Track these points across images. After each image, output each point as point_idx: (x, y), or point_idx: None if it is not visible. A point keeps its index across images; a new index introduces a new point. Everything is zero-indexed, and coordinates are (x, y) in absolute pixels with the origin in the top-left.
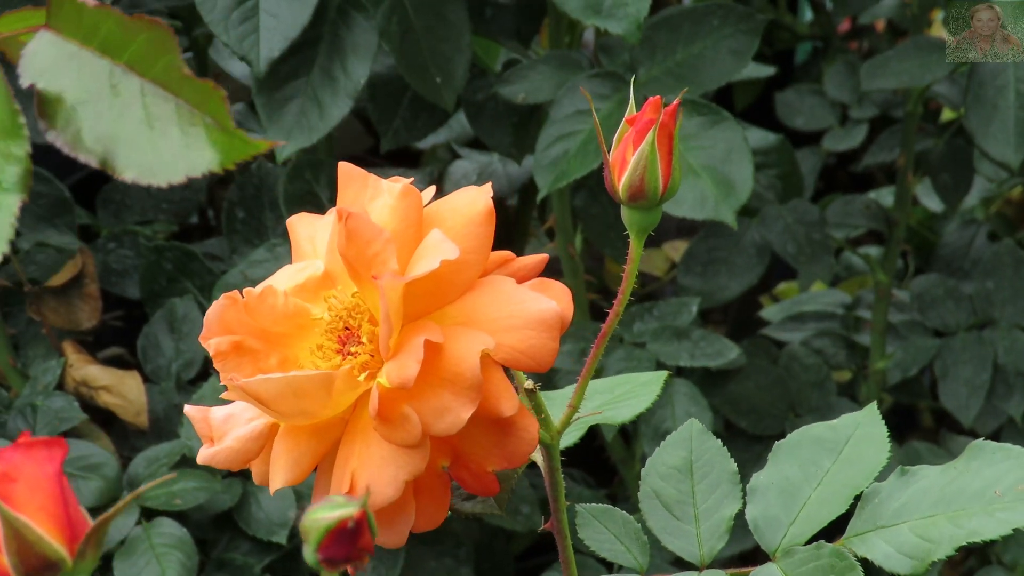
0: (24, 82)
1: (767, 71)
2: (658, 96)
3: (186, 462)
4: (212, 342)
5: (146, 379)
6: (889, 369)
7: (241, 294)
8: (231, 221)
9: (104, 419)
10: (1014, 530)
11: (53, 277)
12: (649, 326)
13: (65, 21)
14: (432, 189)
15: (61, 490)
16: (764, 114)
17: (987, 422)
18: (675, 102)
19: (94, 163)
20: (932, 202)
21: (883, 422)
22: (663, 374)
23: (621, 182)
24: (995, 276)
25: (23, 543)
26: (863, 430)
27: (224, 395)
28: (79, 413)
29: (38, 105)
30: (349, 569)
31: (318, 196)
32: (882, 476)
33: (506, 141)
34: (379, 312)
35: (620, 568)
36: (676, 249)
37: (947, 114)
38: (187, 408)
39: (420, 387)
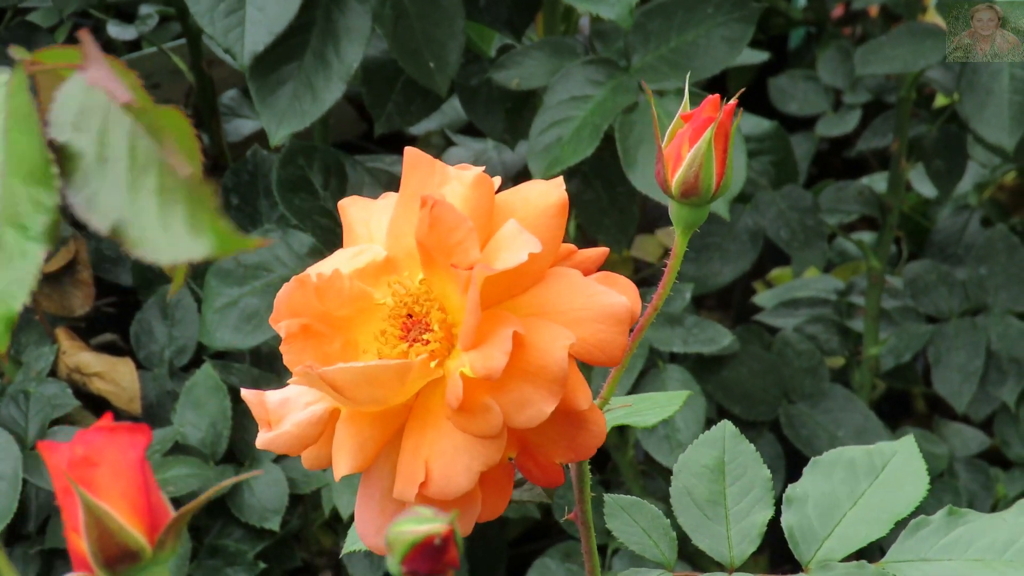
0: (52, 131)
1: (761, 57)
2: (716, 95)
3: (178, 448)
4: (283, 324)
5: (139, 365)
6: (882, 355)
7: (311, 277)
8: (225, 207)
9: (97, 406)
10: None
11: (46, 264)
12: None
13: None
14: (499, 179)
15: (144, 477)
16: (758, 99)
17: (980, 408)
18: (733, 101)
19: (104, 230)
20: (925, 188)
21: (920, 454)
22: (684, 394)
23: (675, 178)
24: (988, 262)
25: (103, 531)
26: (900, 458)
27: (292, 381)
28: (72, 400)
29: (59, 160)
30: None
31: (311, 182)
32: (921, 507)
33: (499, 127)
34: (451, 300)
35: (613, 556)
36: (669, 235)
37: (940, 100)
38: (244, 392)
39: (502, 379)
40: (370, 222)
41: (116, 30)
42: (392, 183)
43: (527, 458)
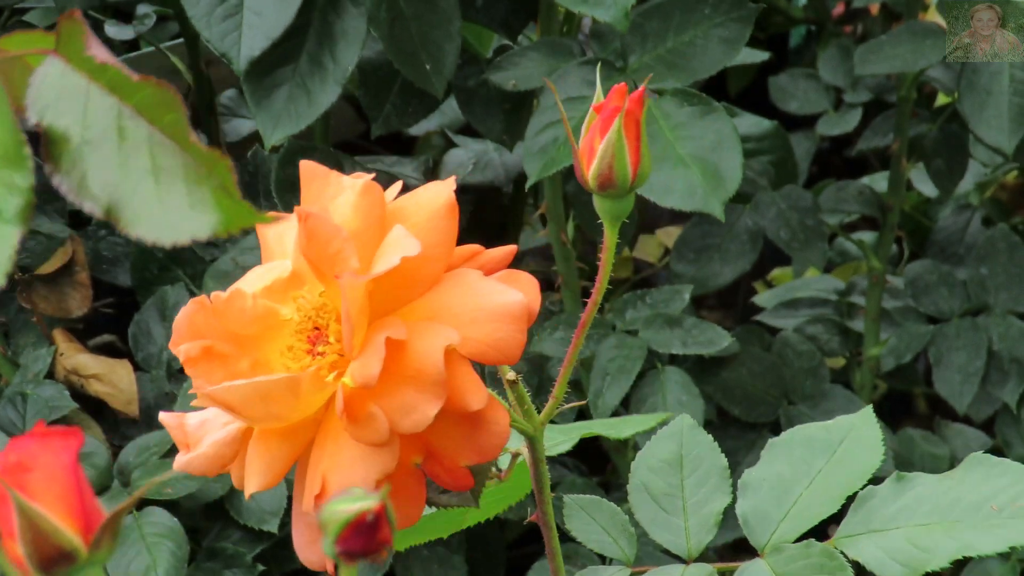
0: (31, 115)
1: (761, 56)
2: (623, 84)
3: (177, 451)
4: (182, 348)
5: (137, 367)
6: (883, 356)
7: (209, 298)
8: None
9: (94, 408)
10: (1010, 548)
11: (43, 265)
12: (641, 314)
13: (74, 51)
14: (398, 185)
15: (77, 480)
16: (758, 98)
17: (981, 408)
18: (640, 88)
19: (98, 213)
20: (926, 187)
21: (878, 425)
22: (662, 416)
23: (590, 171)
24: (989, 262)
25: (38, 533)
26: (857, 432)
27: (194, 403)
28: (69, 402)
29: (44, 144)
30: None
31: None
32: (876, 479)
33: (497, 128)
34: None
35: (612, 560)
36: (669, 235)
37: (941, 99)
38: (162, 415)
39: (385, 385)
40: (284, 237)
41: (114, 30)
42: (391, 184)
43: (433, 463)
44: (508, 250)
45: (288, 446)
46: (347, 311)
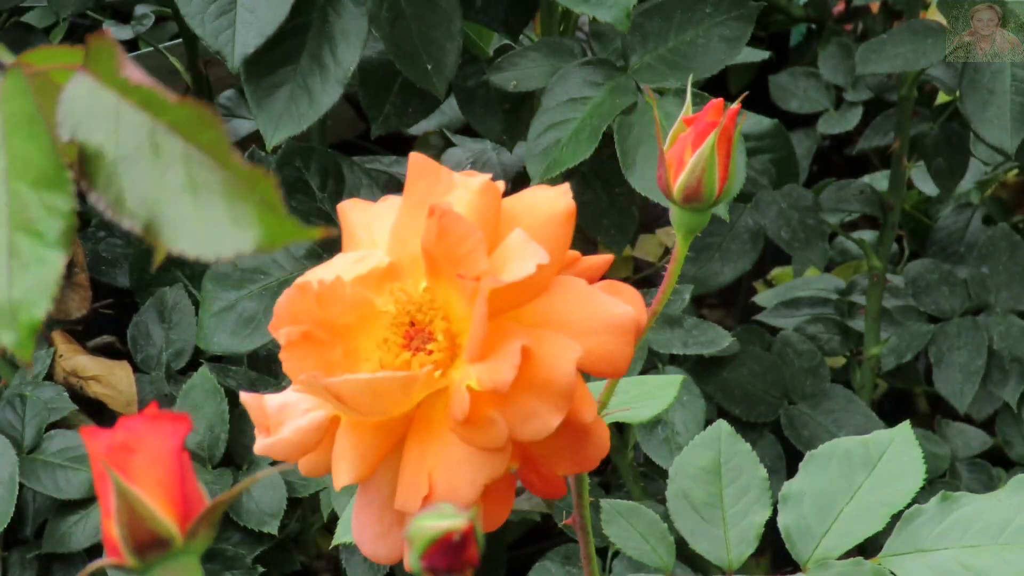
0: (63, 132)
1: (761, 55)
2: (720, 99)
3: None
4: (283, 331)
5: (136, 368)
6: (883, 355)
7: (311, 284)
8: None
9: (94, 409)
10: None
11: None
12: None
13: (103, 67)
14: (503, 183)
15: (180, 466)
16: (758, 97)
17: (982, 408)
18: (736, 105)
19: (138, 229)
20: (927, 186)
21: (916, 441)
22: (679, 378)
23: (677, 183)
24: (990, 261)
25: (134, 516)
26: (897, 448)
27: (294, 389)
28: (68, 403)
29: (80, 163)
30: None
31: (308, 184)
32: (916, 497)
33: (497, 128)
34: (455, 310)
35: (613, 559)
36: (670, 235)
37: (942, 97)
38: (243, 395)
39: (509, 391)
40: (372, 227)
41: (112, 30)
42: (390, 184)
43: (529, 470)
44: (606, 259)
45: (381, 439)
46: (481, 314)
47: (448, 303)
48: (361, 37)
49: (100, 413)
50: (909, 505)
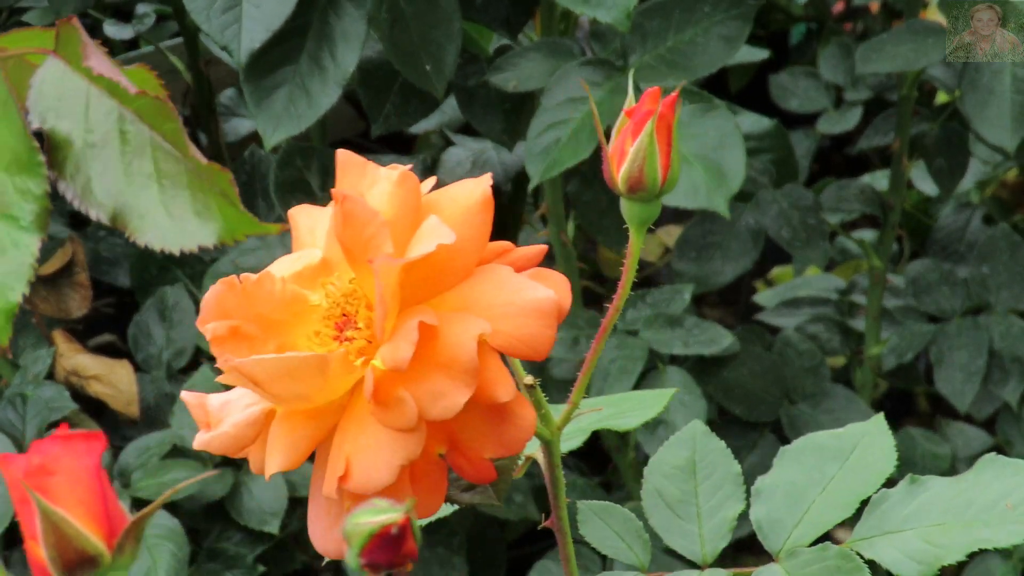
0: (33, 117)
1: (761, 54)
2: (657, 87)
3: (177, 452)
4: (209, 326)
5: (137, 368)
6: (884, 355)
7: (239, 280)
8: None
9: (95, 409)
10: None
11: (43, 266)
12: (642, 314)
13: (73, 52)
14: (432, 180)
15: (100, 484)
16: (758, 96)
17: (982, 407)
18: (674, 93)
19: (104, 219)
20: (927, 186)
21: (890, 432)
22: (670, 392)
23: (620, 174)
24: (991, 261)
25: (61, 537)
26: (870, 439)
27: (220, 378)
28: (69, 403)
29: (48, 151)
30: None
31: (309, 183)
32: (889, 485)
33: (497, 128)
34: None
35: (613, 563)
36: (670, 234)
37: (942, 97)
38: (184, 394)
39: (416, 371)
40: (315, 229)
41: (113, 29)
42: None
43: (457, 454)
44: (539, 249)
45: (312, 428)
46: (380, 293)
47: (371, 292)
48: (360, 39)
49: (101, 412)
50: (880, 491)
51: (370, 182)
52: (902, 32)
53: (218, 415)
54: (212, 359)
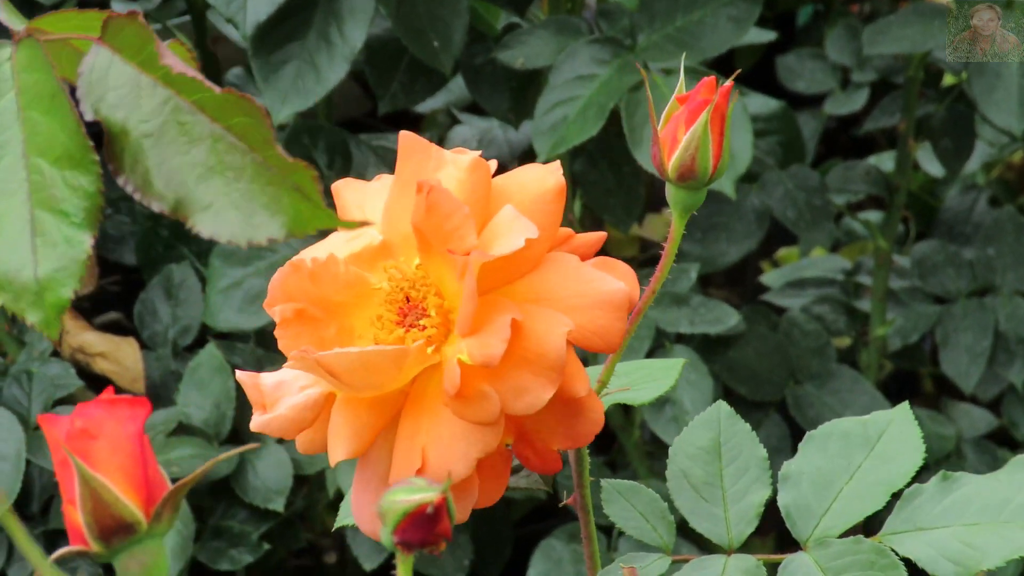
0: (85, 108)
1: (768, 35)
2: (712, 76)
3: (182, 429)
4: (277, 309)
5: (143, 345)
6: (889, 336)
7: (306, 262)
8: None
9: (100, 386)
10: None
11: None
12: None
13: (122, 41)
14: (495, 162)
15: (142, 450)
16: (765, 77)
17: (988, 389)
18: (729, 83)
19: (167, 210)
20: (933, 167)
21: (915, 421)
22: (680, 361)
23: (671, 161)
24: (996, 242)
25: (99, 503)
26: (896, 428)
27: (288, 365)
28: (75, 380)
29: (107, 143)
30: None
31: (316, 161)
32: (919, 477)
33: (504, 106)
34: (448, 286)
35: (619, 538)
36: None
37: (948, 79)
38: (239, 374)
39: (500, 366)
40: (364, 205)
41: (120, 6)
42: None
43: (524, 445)
44: (599, 236)
45: (375, 416)
46: (471, 288)
47: (441, 279)
48: (368, 14)
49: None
50: (909, 484)
51: (435, 166)
52: (909, 14)
53: (273, 396)
54: (217, 336)
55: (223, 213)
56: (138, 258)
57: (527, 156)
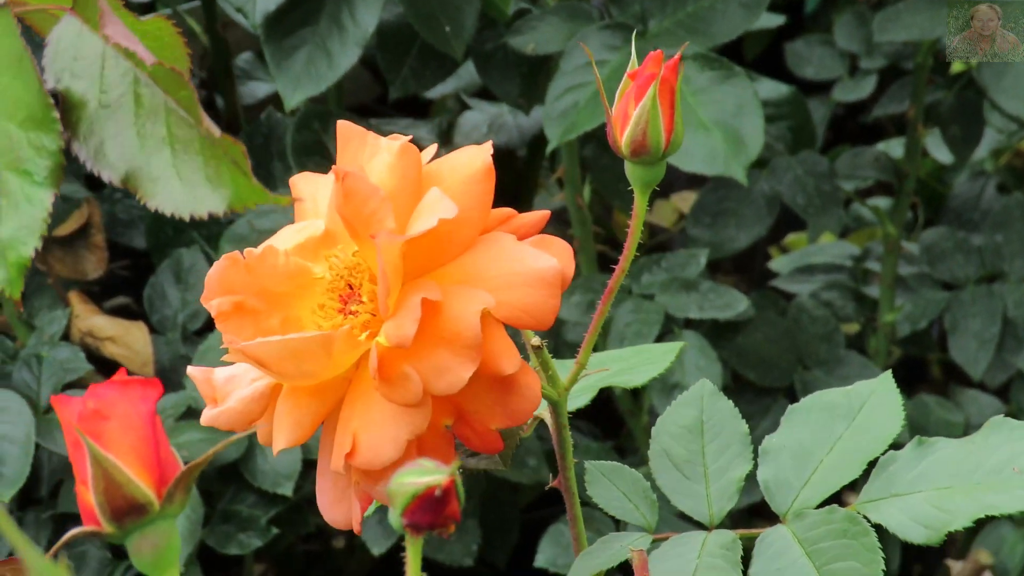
0: (48, 78)
1: (777, 21)
2: (659, 50)
3: (192, 413)
4: (214, 303)
5: (152, 330)
6: (898, 322)
7: (242, 254)
8: None
9: (110, 370)
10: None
11: (59, 227)
12: (658, 278)
13: (90, 11)
14: (433, 147)
15: (154, 431)
16: (773, 64)
17: (996, 375)
18: (676, 56)
19: (116, 181)
20: (942, 154)
21: (898, 390)
22: (679, 345)
23: (623, 137)
24: (1004, 229)
25: (111, 483)
26: (877, 397)
27: (225, 358)
28: (84, 364)
29: (62, 111)
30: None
31: (326, 147)
32: (896, 444)
33: (514, 91)
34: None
35: (626, 526)
36: (685, 200)
37: (957, 66)
38: (190, 369)
39: (420, 346)
40: (317, 197)
41: None
42: None
43: (463, 425)
44: (541, 215)
45: (318, 403)
46: (383, 270)
47: (375, 265)
48: None
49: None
50: (886, 452)
51: (371, 152)
52: (919, 1)
53: (224, 390)
54: None
55: (170, 186)
56: (147, 242)
57: (537, 141)
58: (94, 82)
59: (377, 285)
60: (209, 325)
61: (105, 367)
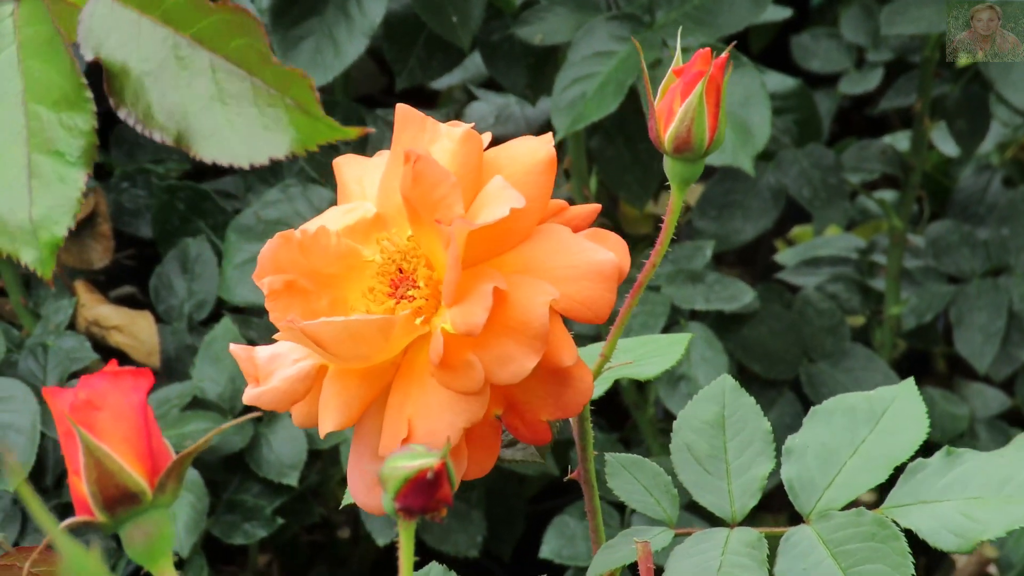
0: (85, 51)
1: (784, 13)
2: (707, 48)
3: (197, 403)
4: (265, 281)
5: (158, 319)
6: (904, 315)
7: (296, 233)
8: None
9: (116, 359)
10: None
11: None
12: (664, 269)
13: None
14: (488, 135)
15: (145, 421)
16: (780, 57)
17: (1001, 368)
18: (724, 55)
19: (169, 141)
20: (948, 147)
21: (920, 397)
22: (687, 336)
23: (667, 133)
24: (1010, 223)
25: (103, 473)
26: (901, 404)
27: (277, 336)
28: (90, 353)
29: (106, 80)
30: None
31: None
32: (919, 453)
33: (521, 82)
34: (437, 257)
35: (633, 518)
36: (692, 191)
37: (964, 59)
38: (232, 347)
39: (484, 335)
40: (363, 180)
41: None
42: None
43: (514, 415)
44: (593, 207)
45: (366, 387)
46: (455, 257)
47: (431, 251)
48: None
49: (122, 363)
50: (912, 459)
51: (430, 138)
52: None
53: (267, 369)
54: (233, 311)
55: (225, 138)
56: (154, 231)
57: (544, 132)
58: (133, 51)
59: (434, 271)
60: (215, 315)
61: (111, 356)
